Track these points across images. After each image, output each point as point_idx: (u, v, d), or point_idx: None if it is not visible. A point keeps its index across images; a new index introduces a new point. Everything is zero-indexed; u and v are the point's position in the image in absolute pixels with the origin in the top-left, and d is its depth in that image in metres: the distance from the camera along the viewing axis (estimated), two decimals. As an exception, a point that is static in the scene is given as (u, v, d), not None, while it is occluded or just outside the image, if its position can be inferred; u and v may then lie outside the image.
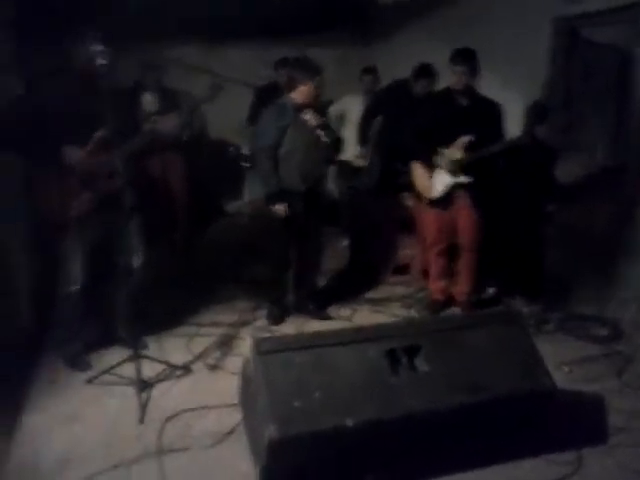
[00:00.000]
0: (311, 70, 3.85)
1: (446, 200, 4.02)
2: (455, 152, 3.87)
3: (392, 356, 2.49)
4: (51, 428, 2.75)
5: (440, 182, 3.99)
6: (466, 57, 3.75)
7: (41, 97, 3.10)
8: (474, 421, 2.48)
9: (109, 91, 2.87)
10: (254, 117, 4.96)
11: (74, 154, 3.06)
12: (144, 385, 3.03)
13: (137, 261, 3.43)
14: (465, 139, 3.83)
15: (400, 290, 4.76)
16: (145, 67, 5.19)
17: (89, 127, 3.06)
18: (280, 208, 3.83)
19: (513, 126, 4.10)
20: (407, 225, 4.85)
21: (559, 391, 2.63)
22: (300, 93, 3.80)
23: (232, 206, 6.35)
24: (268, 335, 3.78)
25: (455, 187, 3.96)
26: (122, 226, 3.29)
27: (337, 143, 3.99)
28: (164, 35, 5.89)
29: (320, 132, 3.74)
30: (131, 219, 3.25)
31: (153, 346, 3.52)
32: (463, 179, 3.91)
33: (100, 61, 2.84)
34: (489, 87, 4.01)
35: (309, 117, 3.75)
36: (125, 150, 3.11)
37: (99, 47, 2.85)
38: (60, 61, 3.26)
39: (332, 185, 5.80)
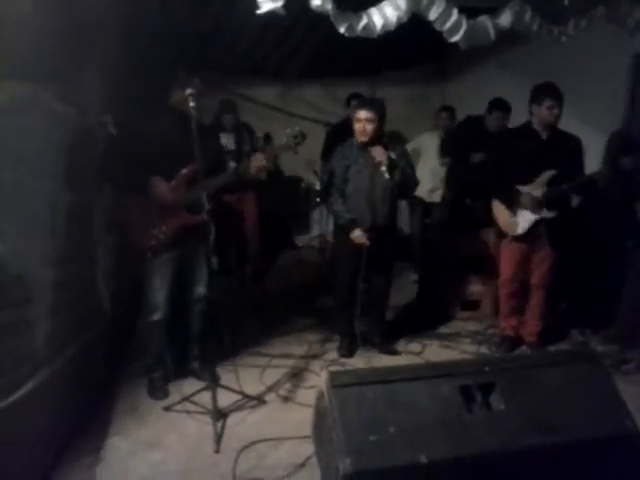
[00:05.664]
0: (360, 103, 3.94)
1: (529, 236, 3.96)
2: (539, 187, 3.83)
3: (466, 393, 2.46)
4: (133, 453, 2.84)
5: (525, 218, 3.93)
6: (555, 90, 3.76)
7: (139, 132, 3.29)
8: (549, 464, 2.40)
9: (197, 129, 2.99)
10: (327, 154, 5.07)
11: (160, 186, 3.26)
12: (219, 414, 3.09)
13: (203, 292, 3.53)
14: (549, 174, 3.80)
15: (470, 326, 4.73)
16: (223, 105, 5.42)
17: (179, 162, 3.24)
18: (357, 234, 3.84)
19: (593, 161, 4.04)
20: (478, 261, 4.81)
21: (641, 436, 2.52)
22: (356, 128, 3.85)
23: (302, 239, 6.49)
24: (339, 368, 3.80)
25: (538, 223, 3.91)
26: (197, 258, 3.45)
27: (409, 182, 3.98)
28: (241, 75, 6.16)
29: (383, 169, 3.73)
30: (207, 252, 3.36)
31: (226, 376, 3.56)
32: (547, 214, 3.86)
33: (193, 103, 3.00)
34: (568, 123, 3.97)
35: (374, 153, 3.77)
36: (212, 186, 3.24)
37: (193, 90, 3.01)
38: (158, 101, 3.46)
39: (404, 220, 5.81)
